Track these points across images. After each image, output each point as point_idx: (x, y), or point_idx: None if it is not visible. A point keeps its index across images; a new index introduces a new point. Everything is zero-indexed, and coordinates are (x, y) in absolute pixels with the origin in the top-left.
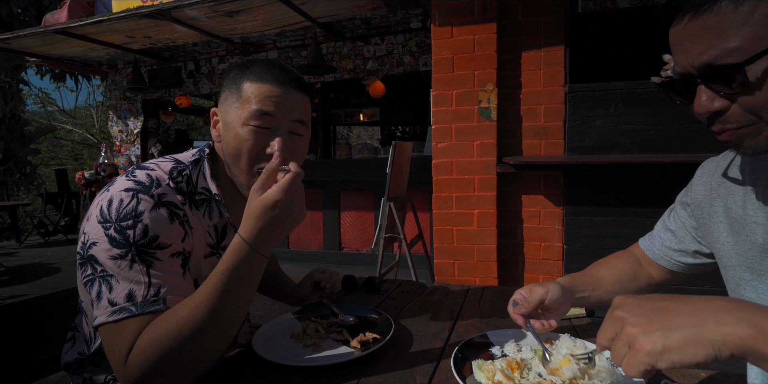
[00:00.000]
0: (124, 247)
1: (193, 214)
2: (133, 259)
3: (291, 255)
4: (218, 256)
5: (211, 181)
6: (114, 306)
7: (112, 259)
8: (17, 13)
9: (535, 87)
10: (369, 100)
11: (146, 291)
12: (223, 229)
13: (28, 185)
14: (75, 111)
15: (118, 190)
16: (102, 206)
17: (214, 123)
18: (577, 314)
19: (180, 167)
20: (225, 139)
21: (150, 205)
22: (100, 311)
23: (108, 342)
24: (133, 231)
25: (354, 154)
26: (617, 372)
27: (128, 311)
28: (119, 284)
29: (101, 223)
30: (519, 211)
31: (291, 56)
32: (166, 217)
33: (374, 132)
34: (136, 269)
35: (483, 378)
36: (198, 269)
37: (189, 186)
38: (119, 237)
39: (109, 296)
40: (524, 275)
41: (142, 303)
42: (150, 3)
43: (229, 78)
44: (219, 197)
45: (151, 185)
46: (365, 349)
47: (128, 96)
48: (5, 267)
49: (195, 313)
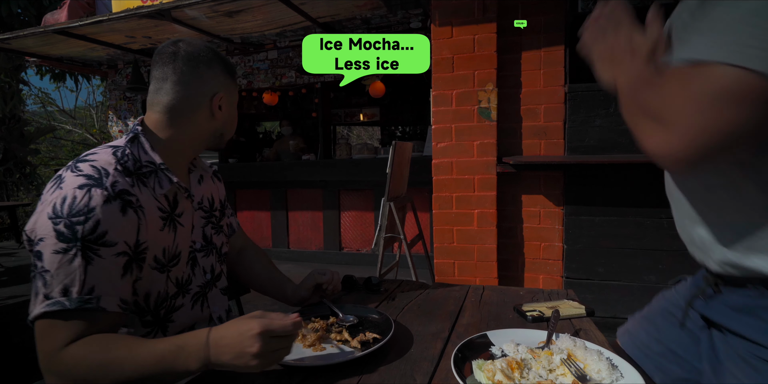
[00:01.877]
0: (70, 241)
1: (142, 192)
2: (75, 254)
3: (291, 255)
4: (174, 225)
5: (153, 152)
6: (49, 299)
7: (55, 253)
8: (17, 13)
9: (535, 87)
10: (369, 100)
11: (81, 288)
12: (174, 198)
13: (27, 185)
14: (75, 111)
15: (72, 188)
16: (55, 204)
17: (217, 104)
18: (577, 314)
19: (120, 149)
20: (229, 114)
21: (103, 199)
22: (35, 306)
23: (41, 334)
24: (83, 226)
25: (354, 154)
26: (617, 372)
27: (62, 305)
28: (54, 279)
29: (52, 218)
30: (519, 211)
31: (291, 56)
32: (118, 210)
33: (374, 132)
34: (76, 265)
35: (483, 378)
36: (156, 243)
37: (135, 163)
38: (68, 232)
39: (44, 291)
40: (524, 275)
41: (76, 299)
42: (150, 3)
43: (226, 71)
44: (164, 165)
45: (101, 177)
46: (365, 349)
47: (128, 96)
48: (5, 267)
49: (117, 363)
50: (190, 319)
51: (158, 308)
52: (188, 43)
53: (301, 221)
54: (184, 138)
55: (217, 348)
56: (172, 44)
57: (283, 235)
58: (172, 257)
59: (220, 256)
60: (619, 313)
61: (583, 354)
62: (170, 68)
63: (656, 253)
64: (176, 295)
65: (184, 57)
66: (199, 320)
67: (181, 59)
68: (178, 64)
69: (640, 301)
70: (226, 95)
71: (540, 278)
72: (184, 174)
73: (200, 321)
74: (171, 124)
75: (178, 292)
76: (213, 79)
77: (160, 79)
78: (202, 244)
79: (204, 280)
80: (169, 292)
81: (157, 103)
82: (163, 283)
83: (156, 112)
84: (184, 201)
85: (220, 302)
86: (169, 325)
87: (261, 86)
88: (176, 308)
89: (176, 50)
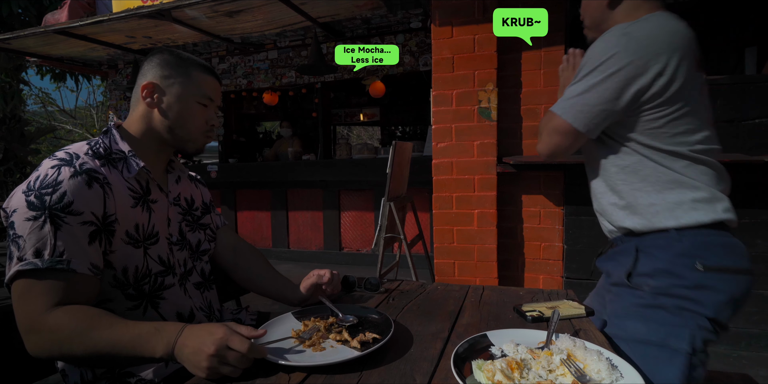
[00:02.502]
0: (39, 209)
1: (111, 173)
2: (45, 221)
3: (291, 255)
4: (147, 206)
5: (123, 142)
6: (22, 261)
7: (26, 220)
8: (17, 14)
9: (535, 87)
10: (369, 100)
11: (52, 250)
12: (147, 184)
13: None
14: (75, 111)
15: (45, 168)
16: (30, 181)
17: (149, 94)
18: (577, 314)
19: (93, 140)
20: (171, 108)
21: (69, 173)
22: (9, 268)
23: (19, 295)
24: (50, 197)
25: (354, 154)
26: (617, 372)
27: (34, 264)
28: (27, 243)
29: (24, 192)
30: (519, 211)
31: (291, 56)
32: (84, 184)
33: (374, 132)
34: (46, 230)
35: (483, 378)
36: (127, 218)
37: (106, 150)
38: (37, 202)
39: (18, 254)
40: (524, 275)
41: (48, 260)
42: (150, 3)
43: (168, 62)
44: (132, 152)
45: (72, 159)
46: (365, 349)
47: (128, 96)
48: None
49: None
50: (181, 299)
51: (140, 283)
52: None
53: (302, 221)
54: (142, 131)
55: (185, 338)
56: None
57: (283, 235)
58: (149, 236)
59: (193, 252)
60: None
61: (582, 354)
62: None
63: None
64: (164, 273)
65: (143, 61)
66: (192, 305)
67: (142, 63)
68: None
69: None
70: (164, 86)
71: (540, 278)
72: (160, 170)
73: (192, 306)
74: (132, 119)
75: (167, 271)
76: (149, 70)
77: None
78: (177, 238)
79: (182, 270)
80: (151, 269)
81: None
82: (140, 258)
83: (130, 114)
84: (156, 190)
85: (196, 296)
86: (160, 302)
87: (261, 86)
88: (167, 286)
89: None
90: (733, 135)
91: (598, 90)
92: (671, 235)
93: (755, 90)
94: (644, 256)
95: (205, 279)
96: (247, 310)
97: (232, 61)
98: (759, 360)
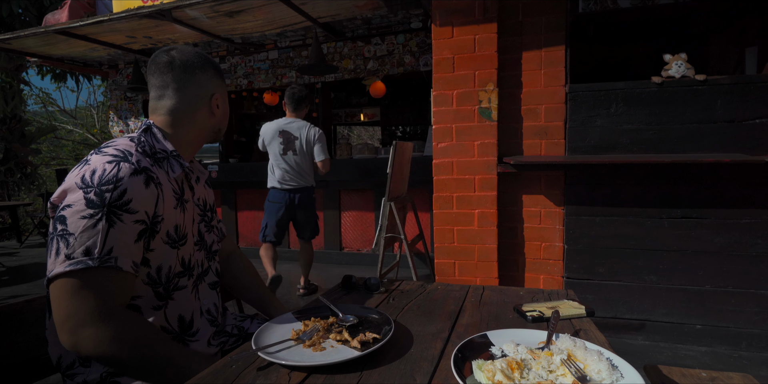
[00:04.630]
0: (98, 207)
1: (159, 172)
2: (100, 218)
3: (292, 255)
4: (183, 207)
5: (165, 141)
6: (71, 259)
7: (81, 218)
8: (18, 14)
9: (535, 87)
10: (369, 100)
11: (101, 248)
12: (182, 184)
13: (29, 185)
14: (76, 111)
15: (100, 163)
16: (84, 175)
17: (216, 104)
18: (577, 314)
19: (135, 138)
20: (222, 111)
21: (130, 171)
22: (55, 265)
23: (70, 293)
24: (111, 194)
25: (354, 154)
26: (617, 372)
27: (85, 264)
28: (77, 241)
29: (82, 188)
30: (520, 211)
31: (292, 56)
32: (142, 183)
33: (375, 132)
34: (99, 227)
35: (483, 378)
36: (170, 219)
37: (150, 149)
38: (97, 199)
39: (66, 251)
40: (525, 275)
41: (98, 258)
42: (151, 3)
43: (218, 71)
44: (175, 152)
45: (126, 155)
46: (365, 349)
47: (129, 96)
48: (6, 267)
49: (161, 342)
50: (187, 302)
51: (168, 283)
52: (180, 51)
53: None
54: (187, 134)
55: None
56: (165, 53)
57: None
58: (182, 236)
59: (208, 253)
60: (619, 313)
61: (583, 354)
62: (169, 77)
63: (657, 253)
64: (182, 274)
65: (179, 66)
66: (194, 309)
67: (177, 67)
68: (176, 72)
69: (640, 302)
70: (221, 95)
71: (540, 278)
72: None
73: (195, 309)
74: (175, 123)
75: (184, 272)
76: (208, 81)
77: (161, 87)
78: (197, 239)
79: (199, 270)
80: (175, 270)
81: (161, 107)
82: (173, 259)
83: (160, 114)
84: (188, 191)
85: (209, 296)
86: (170, 302)
87: (261, 86)
88: (180, 287)
89: (171, 59)
90: (733, 135)
91: None
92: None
93: (755, 90)
94: None
95: (219, 278)
96: (256, 317)
97: (232, 61)
98: (760, 360)
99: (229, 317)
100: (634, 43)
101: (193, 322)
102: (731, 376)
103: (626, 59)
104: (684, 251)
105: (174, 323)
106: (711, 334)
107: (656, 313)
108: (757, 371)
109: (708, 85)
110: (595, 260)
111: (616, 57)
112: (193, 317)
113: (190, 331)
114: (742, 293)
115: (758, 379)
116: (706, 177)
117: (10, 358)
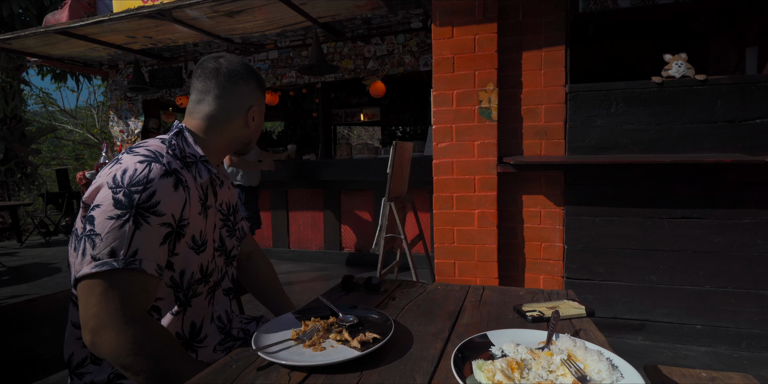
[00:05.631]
0: (125, 208)
1: (187, 176)
2: (128, 220)
3: (292, 255)
4: (206, 212)
5: (196, 146)
6: (97, 261)
7: (108, 218)
8: (18, 14)
9: (535, 87)
10: (369, 100)
11: (126, 250)
12: (206, 190)
13: (29, 185)
14: (76, 111)
15: (132, 162)
16: (115, 175)
17: (252, 116)
18: (578, 314)
19: (167, 140)
20: (258, 125)
21: (161, 172)
22: (83, 266)
23: (97, 294)
24: (140, 195)
25: (354, 154)
26: (617, 372)
27: (110, 265)
28: (103, 242)
29: (112, 188)
30: (520, 211)
31: (292, 56)
32: (171, 185)
33: (375, 132)
34: (125, 229)
35: (483, 378)
36: (195, 224)
37: (181, 152)
38: (125, 200)
39: (92, 253)
40: (525, 275)
41: (123, 260)
42: (151, 3)
43: (260, 83)
44: (204, 157)
45: (157, 157)
46: (365, 349)
47: (129, 96)
48: (6, 267)
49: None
50: (201, 309)
51: (189, 289)
52: (228, 60)
53: (302, 221)
54: (218, 141)
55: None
56: (213, 60)
57: (283, 235)
58: (204, 242)
59: (227, 258)
60: (619, 313)
61: (583, 354)
62: (213, 83)
63: (657, 253)
64: (200, 282)
65: (225, 73)
66: (205, 315)
67: (222, 75)
68: (221, 79)
69: (641, 302)
70: (258, 108)
71: (540, 278)
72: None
73: (206, 316)
74: (209, 129)
75: (202, 279)
76: (249, 93)
77: (203, 91)
78: (218, 244)
79: (217, 277)
80: (195, 276)
81: (199, 111)
82: (195, 264)
83: (196, 118)
84: (211, 196)
85: (222, 302)
86: (188, 309)
87: None
88: (197, 294)
89: (218, 66)
90: (733, 135)
91: None
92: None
93: (756, 90)
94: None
95: (234, 284)
96: (261, 319)
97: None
98: (760, 360)
99: (234, 320)
100: (634, 43)
101: (203, 328)
102: (731, 376)
103: (626, 59)
104: (684, 251)
105: (186, 329)
106: (711, 334)
107: (656, 313)
108: (757, 371)
109: (708, 85)
110: (595, 260)
111: (616, 57)
112: (203, 323)
113: (198, 338)
114: (742, 293)
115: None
116: (706, 177)
117: (10, 358)
